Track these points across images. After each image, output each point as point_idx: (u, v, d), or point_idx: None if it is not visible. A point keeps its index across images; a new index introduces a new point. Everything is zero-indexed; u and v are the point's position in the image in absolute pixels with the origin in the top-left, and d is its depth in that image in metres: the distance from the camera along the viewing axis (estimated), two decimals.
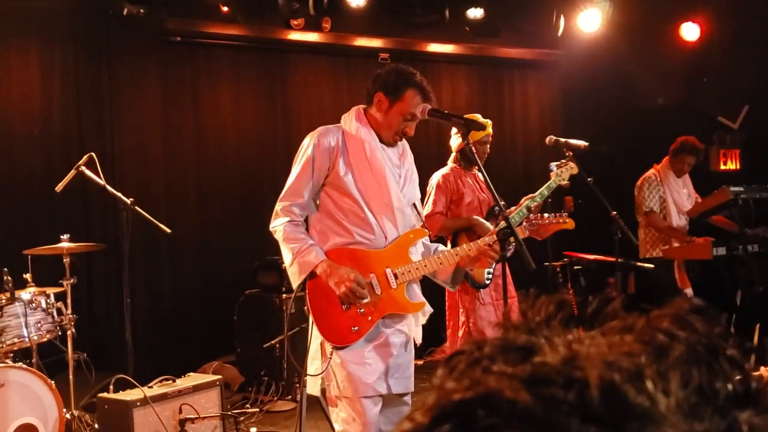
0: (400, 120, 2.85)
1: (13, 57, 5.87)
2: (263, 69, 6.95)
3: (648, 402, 0.41)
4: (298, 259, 2.79)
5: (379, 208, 2.86)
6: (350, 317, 2.81)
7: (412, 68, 2.97)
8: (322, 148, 2.86)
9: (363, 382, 2.79)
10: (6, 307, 4.10)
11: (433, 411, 0.44)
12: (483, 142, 4.42)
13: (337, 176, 2.85)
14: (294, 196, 2.87)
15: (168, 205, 6.25)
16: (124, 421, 3.69)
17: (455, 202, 4.39)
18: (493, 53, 7.72)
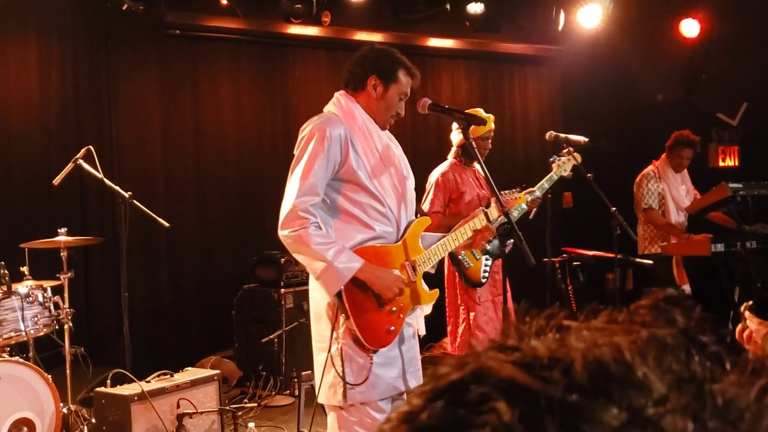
0: (396, 101, 2.78)
1: (11, 50, 5.84)
2: (263, 63, 6.93)
3: (626, 369, 0.44)
4: (337, 265, 2.54)
5: (394, 200, 2.76)
6: (386, 318, 2.68)
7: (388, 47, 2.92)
8: (334, 140, 2.64)
9: (386, 383, 2.68)
10: (2, 300, 4.08)
11: (427, 393, 0.46)
12: (485, 137, 4.37)
13: (351, 170, 2.67)
14: (310, 195, 2.60)
15: (166, 199, 6.23)
16: (122, 415, 3.68)
17: (454, 200, 4.36)
18: (493, 48, 7.70)
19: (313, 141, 2.64)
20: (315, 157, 2.62)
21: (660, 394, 0.44)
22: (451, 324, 4.45)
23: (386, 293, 2.63)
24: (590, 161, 4.40)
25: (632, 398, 0.43)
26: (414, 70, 2.84)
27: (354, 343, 2.65)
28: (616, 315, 0.50)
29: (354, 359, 2.65)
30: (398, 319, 2.72)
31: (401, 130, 6.81)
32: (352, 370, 2.64)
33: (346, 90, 2.84)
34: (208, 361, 5.60)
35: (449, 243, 2.87)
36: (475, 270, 4.26)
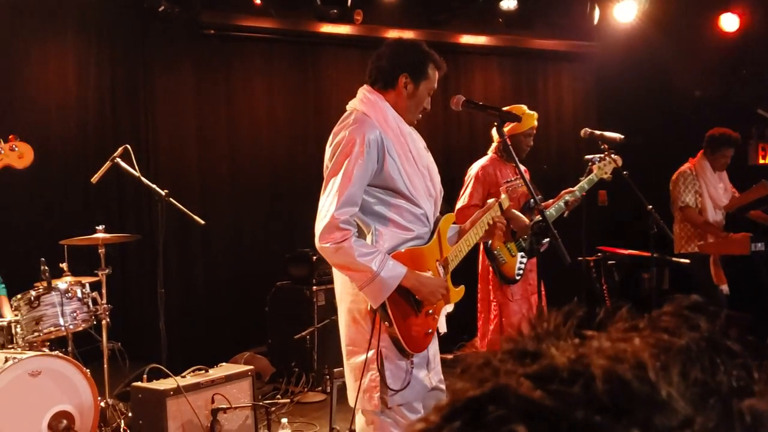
0: (426, 97, 2.74)
1: (50, 51, 5.96)
2: (295, 62, 6.97)
3: (650, 389, 0.43)
4: (383, 275, 2.47)
5: (426, 200, 2.71)
6: (424, 320, 2.65)
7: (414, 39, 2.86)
8: (372, 145, 2.56)
9: (420, 384, 2.66)
10: (43, 296, 4.17)
11: (444, 410, 0.46)
12: (528, 134, 4.35)
13: (388, 176, 2.59)
14: (351, 205, 2.52)
15: (201, 197, 6.31)
16: (158, 410, 3.73)
17: (493, 194, 4.34)
18: (526, 45, 7.65)
19: (350, 147, 2.55)
20: (354, 165, 2.52)
21: (685, 416, 0.43)
22: (481, 320, 4.43)
23: (431, 299, 2.61)
24: (626, 159, 4.35)
25: (656, 420, 0.42)
26: (441, 62, 2.77)
27: (395, 348, 2.61)
28: (638, 322, 0.49)
29: (394, 363, 2.61)
30: (434, 321, 2.71)
31: (433, 126, 6.80)
32: (393, 374, 2.60)
33: (373, 87, 2.75)
34: (241, 357, 5.66)
35: (472, 238, 2.84)
36: (510, 266, 4.23)
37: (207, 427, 3.82)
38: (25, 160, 1.94)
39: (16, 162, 1.93)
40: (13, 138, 1.92)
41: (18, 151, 1.92)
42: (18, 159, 1.95)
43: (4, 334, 4.23)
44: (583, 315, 0.50)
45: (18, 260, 5.17)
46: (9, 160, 1.92)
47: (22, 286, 4.39)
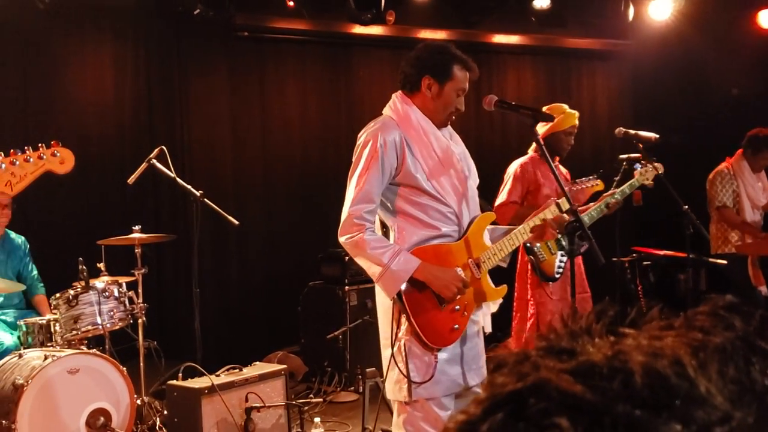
0: (454, 98, 2.75)
1: (88, 54, 6.08)
2: (328, 63, 7.01)
3: (689, 384, 0.43)
4: (393, 267, 2.58)
5: (455, 198, 2.74)
6: (449, 316, 2.68)
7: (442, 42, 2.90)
8: (389, 146, 2.67)
9: (450, 380, 2.69)
10: (81, 295, 4.25)
11: (485, 403, 0.46)
12: (568, 133, 4.33)
13: (408, 173, 2.68)
14: (366, 202, 2.65)
15: (235, 198, 6.37)
16: (193, 408, 3.78)
17: (532, 192, 4.32)
18: (559, 44, 7.58)
19: (367, 148, 2.68)
20: (369, 164, 2.66)
21: (724, 411, 0.43)
22: (517, 319, 4.40)
23: (444, 292, 2.63)
24: (661, 158, 4.30)
25: (696, 415, 0.43)
26: (470, 63, 2.79)
27: (416, 341, 2.67)
28: (673, 321, 0.50)
29: (417, 357, 2.66)
30: (462, 317, 2.71)
31: (465, 126, 6.77)
32: (416, 367, 2.66)
33: (403, 91, 2.83)
34: (275, 356, 5.70)
35: (517, 237, 2.83)
36: (550, 264, 4.20)
37: (241, 425, 3.86)
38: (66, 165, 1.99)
39: (57, 167, 1.98)
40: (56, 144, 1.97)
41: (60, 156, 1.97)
42: (59, 165, 2.00)
43: (43, 332, 4.32)
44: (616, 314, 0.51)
45: (56, 260, 5.28)
46: (51, 166, 1.97)
47: (60, 285, 4.48)
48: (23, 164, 1.94)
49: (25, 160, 1.97)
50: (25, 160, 1.96)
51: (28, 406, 3.68)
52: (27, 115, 5.78)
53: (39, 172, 2.01)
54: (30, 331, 4.33)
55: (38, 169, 2.00)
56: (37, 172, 2.00)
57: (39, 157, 1.99)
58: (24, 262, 4.93)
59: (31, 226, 5.44)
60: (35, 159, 1.98)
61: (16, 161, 1.94)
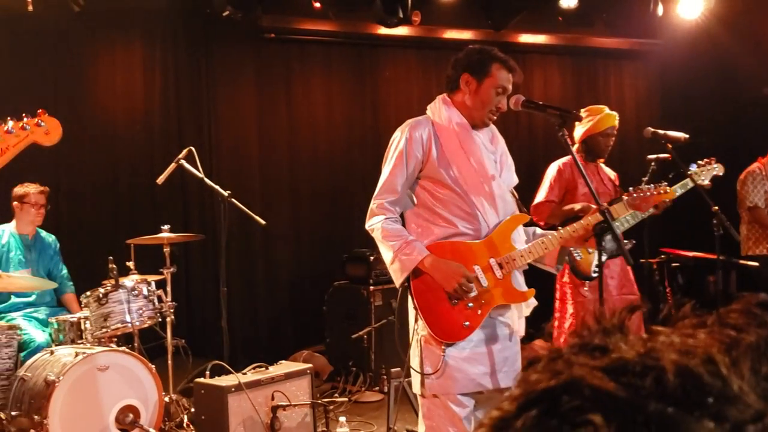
0: (493, 95, 2.77)
1: (118, 56, 6.17)
2: (353, 64, 7.03)
3: (721, 383, 0.44)
4: (400, 256, 2.68)
5: (480, 197, 2.76)
6: (460, 312, 2.70)
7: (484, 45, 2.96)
8: (415, 140, 2.77)
9: (468, 378, 2.69)
10: (110, 293, 4.31)
11: (519, 399, 0.47)
12: (606, 134, 4.32)
13: (434, 168, 2.75)
14: (389, 193, 2.78)
15: (262, 198, 6.42)
16: (220, 406, 3.81)
17: (571, 192, 4.30)
18: (586, 43, 7.53)
19: (395, 142, 2.80)
20: (395, 157, 2.78)
21: (757, 410, 0.43)
22: (557, 320, 4.37)
23: (445, 286, 2.68)
24: (691, 158, 4.25)
25: (729, 413, 0.43)
26: (511, 63, 2.83)
27: (430, 335, 2.73)
28: (705, 318, 0.50)
29: (430, 350, 2.72)
30: (476, 315, 2.72)
31: None
32: (428, 360, 2.72)
33: (446, 93, 2.90)
34: (300, 355, 5.74)
35: (548, 243, 2.80)
36: (586, 263, 4.17)
37: (267, 423, 3.89)
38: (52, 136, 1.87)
39: (42, 139, 1.86)
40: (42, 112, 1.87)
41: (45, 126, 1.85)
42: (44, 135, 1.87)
43: (74, 329, 4.39)
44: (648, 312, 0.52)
45: (87, 258, 5.37)
46: (35, 137, 1.85)
47: (90, 283, 4.55)
48: (4, 137, 1.82)
49: (6, 132, 1.84)
50: (6, 132, 1.84)
51: (59, 402, 3.74)
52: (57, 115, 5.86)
53: (22, 145, 1.88)
54: (61, 329, 4.41)
55: (21, 141, 1.87)
56: (20, 145, 1.87)
57: (22, 128, 1.85)
58: (54, 261, 5.02)
59: (62, 226, 5.53)
60: (18, 130, 1.85)
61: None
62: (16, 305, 4.80)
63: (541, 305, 2.97)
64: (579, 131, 4.38)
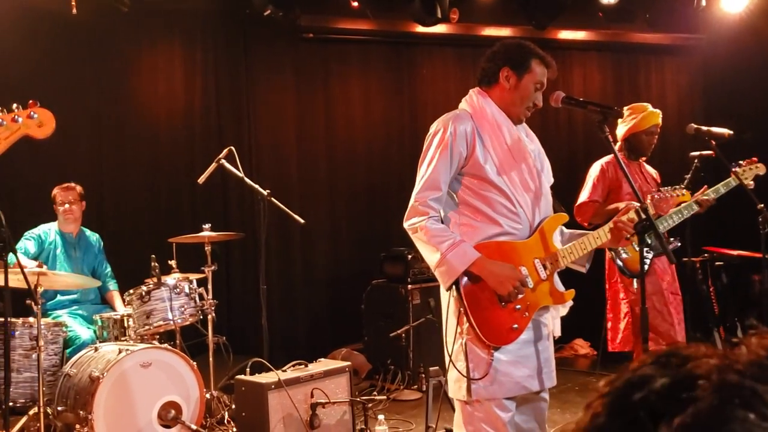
0: (531, 91, 2.73)
1: (160, 59, 6.27)
2: (391, 62, 7.04)
3: None
4: (450, 258, 2.55)
5: (524, 195, 2.69)
6: (508, 315, 2.62)
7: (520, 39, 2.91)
8: (459, 134, 2.64)
9: (513, 381, 2.63)
10: (153, 291, 4.39)
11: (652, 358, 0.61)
12: (650, 132, 4.26)
13: (477, 164, 2.64)
14: (431, 190, 2.64)
15: (300, 197, 6.47)
16: (260, 402, 3.85)
17: (615, 191, 4.25)
18: (627, 39, 7.42)
19: (437, 137, 2.68)
20: (437, 152, 2.65)
21: None
22: (611, 320, 4.32)
23: (499, 289, 2.57)
24: (735, 155, 4.16)
25: None
26: (548, 59, 2.78)
27: (476, 339, 2.62)
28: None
29: (476, 354, 2.62)
30: (523, 317, 2.64)
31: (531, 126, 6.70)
32: (475, 365, 2.62)
33: (480, 86, 2.82)
34: (339, 353, 5.76)
35: (590, 241, 2.75)
36: (634, 260, 4.11)
37: (306, 420, 3.91)
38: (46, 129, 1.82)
39: (35, 131, 1.81)
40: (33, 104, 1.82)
41: (37, 119, 1.81)
42: (37, 128, 1.82)
43: (117, 326, 4.48)
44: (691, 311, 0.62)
45: (130, 257, 5.47)
46: (28, 130, 1.80)
47: (133, 281, 4.63)
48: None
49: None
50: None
51: (103, 398, 3.82)
52: (101, 116, 6.00)
53: (14, 138, 1.81)
54: (105, 326, 4.50)
55: (13, 134, 1.80)
56: (12, 138, 1.81)
57: (13, 120, 1.80)
58: (98, 259, 5.12)
59: (106, 224, 5.64)
60: (9, 122, 1.80)
61: None
62: (62, 303, 4.91)
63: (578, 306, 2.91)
64: (621, 129, 4.33)
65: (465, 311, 2.60)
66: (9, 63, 5.65)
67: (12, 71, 5.67)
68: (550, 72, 2.78)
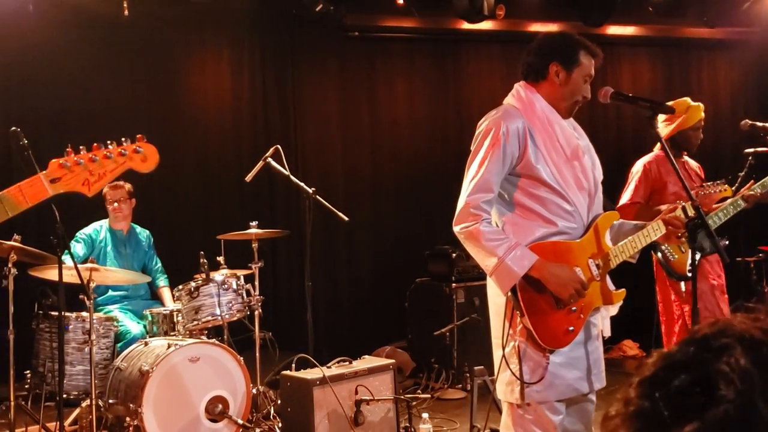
0: (581, 84, 2.65)
1: (209, 60, 6.38)
2: (436, 60, 7.02)
3: None
4: (508, 261, 2.46)
5: (578, 194, 2.62)
6: (564, 317, 2.55)
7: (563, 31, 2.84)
8: (512, 133, 2.55)
9: (566, 384, 2.57)
10: (202, 287, 4.46)
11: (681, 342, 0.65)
12: (695, 128, 4.14)
13: (529, 164, 2.55)
14: (484, 191, 2.53)
15: (344, 194, 6.50)
16: (305, 398, 3.87)
17: (658, 191, 4.15)
18: (678, 34, 7.26)
19: (489, 136, 2.57)
20: (490, 153, 2.54)
21: None
22: (664, 323, 4.24)
23: (562, 292, 2.50)
24: None
25: None
26: (594, 49, 2.71)
27: (530, 342, 2.57)
28: None
29: (531, 357, 2.57)
30: (578, 319, 2.59)
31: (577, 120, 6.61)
32: (529, 368, 2.57)
33: (526, 81, 2.73)
34: (383, 350, 5.77)
35: (642, 238, 2.69)
36: (680, 262, 4.02)
37: (351, 417, 3.93)
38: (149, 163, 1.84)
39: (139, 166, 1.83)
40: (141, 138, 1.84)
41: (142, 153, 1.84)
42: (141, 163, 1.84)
43: (167, 321, 4.56)
44: None
45: (179, 253, 5.56)
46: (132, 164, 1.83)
47: (182, 277, 4.71)
48: (102, 161, 1.80)
49: (105, 156, 1.81)
50: (105, 157, 1.81)
51: (152, 392, 3.89)
52: (152, 116, 6.12)
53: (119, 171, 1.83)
54: (155, 321, 4.59)
55: (118, 167, 1.82)
56: (117, 171, 1.83)
57: (120, 154, 1.85)
58: (149, 255, 5.23)
59: (156, 221, 5.75)
60: (116, 156, 1.83)
61: (96, 157, 1.79)
62: (113, 298, 5.02)
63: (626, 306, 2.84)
64: (666, 128, 4.21)
65: (521, 313, 2.53)
66: (63, 63, 5.81)
67: (65, 71, 5.83)
68: (596, 60, 2.72)
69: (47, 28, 5.72)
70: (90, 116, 5.83)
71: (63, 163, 1.68)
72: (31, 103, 5.79)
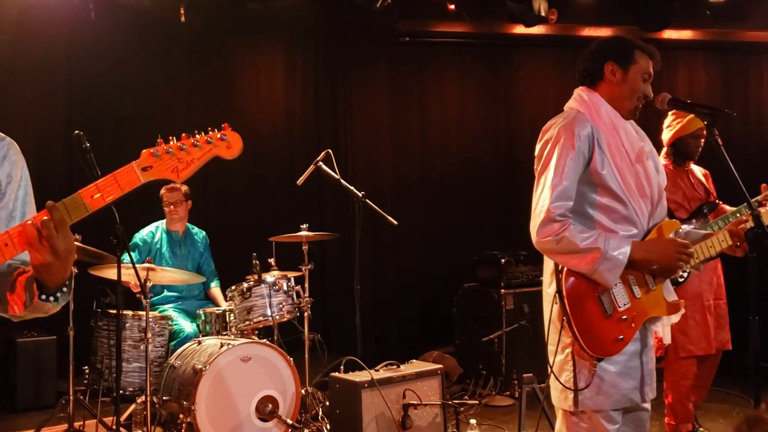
0: (641, 82, 2.62)
1: (263, 65, 6.49)
2: (487, 64, 7.00)
3: None
4: (612, 253, 2.43)
5: (640, 201, 2.57)
6: (614, 325, 2.52)
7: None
8: (584, 139, 2.51)
9: (621, 393, 2.55)
10: (254, 288, 4.53)
11: None
12: (696, 135, 4.13)
13: (595, 171, 2.51)
14: (564, 200, 2.48)
15: (393, 199, 6.53)
16: (353, 400, 3.90)
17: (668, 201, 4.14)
18: (737, 38, 7.09)
19: (560, 143, 2.52)
20: (566, 159, 2.49)
21: None
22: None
23: (669, 263, 2.49)
24: None
25: None
26: (651, 49, 2.68)
27: (581, 349, 2.54)
28: None
29: (584, 366, 2.55)
30: (629, 329, 2.54)
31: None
32: (581, 375, 2.55)
33: (584, 86, 2.71)
34: (430, 355, 5.77)
35: (704, 250, 2.64)
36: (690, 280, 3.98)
37: (398, 421, 3.94)
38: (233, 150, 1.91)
39: (224, 152, 1.91)
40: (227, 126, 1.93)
41: (227, 140, 1.92)
42: (226, 149, 1.92)
43: (219, 321, 4.65)
44: None
45: (232, 254, 5.66)
46: (218, 150, 1.91)
47: (235, 278, 4.79)
48: (191, 149, 1.88)
49: (192, 145, 1.89)
50: (192, 145, 1.89)
51: (205, 390, 3.97)
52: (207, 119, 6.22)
53: (206, 158, 1.90)
54: (208, 320, 4.69)
55: (205, 154, 1.89)
56: (204, 158, 1.90)
57: (206, 142, 1.92)
58: (204, 257, 5.34)
59: (210, 223, 5.87)
60: (203, 144, 1.91)
61: (184, 146, 1.86)
62: (168, 297, 5.14)
63: None
64: (667, 134, 4.20)
65: (568, 321, 2.51)
66: (122, 68, 5.98)
67: (125, 76, 6.00)
68: (654, 61, 2.69)
69: (107, 35, 5.90)
70: (148, 120, 5.98)
71: (153, 153, 1.77)
72: (93, 107, 5.97)
